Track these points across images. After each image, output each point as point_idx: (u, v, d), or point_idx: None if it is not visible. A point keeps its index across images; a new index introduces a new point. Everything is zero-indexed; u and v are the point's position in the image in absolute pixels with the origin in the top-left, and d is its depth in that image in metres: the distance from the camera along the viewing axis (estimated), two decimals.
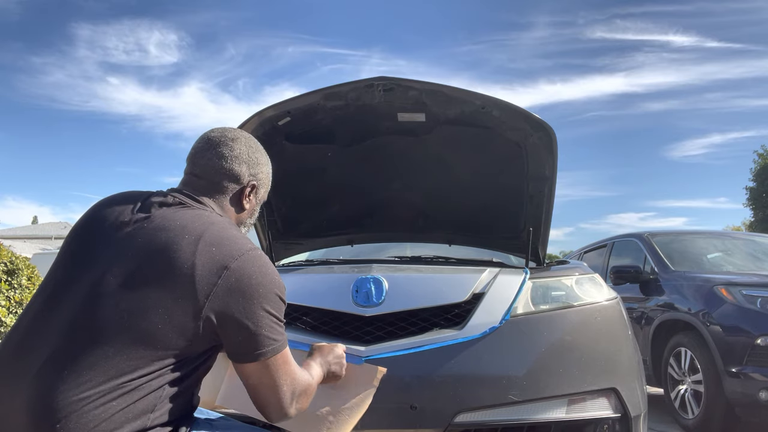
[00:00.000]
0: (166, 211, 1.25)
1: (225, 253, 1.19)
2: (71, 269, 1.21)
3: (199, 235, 1.19)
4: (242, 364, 1.23)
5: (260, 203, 1.56)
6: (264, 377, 1.23)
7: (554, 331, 2.03)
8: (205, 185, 1.37)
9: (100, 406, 1.05)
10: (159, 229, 1.20)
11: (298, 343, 1.97)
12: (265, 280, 1.22)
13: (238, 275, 1.18)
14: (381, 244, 3.45)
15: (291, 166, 2.74)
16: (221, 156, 1.39)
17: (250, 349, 1.20)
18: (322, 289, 2.16)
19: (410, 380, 1.88)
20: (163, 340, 1.12)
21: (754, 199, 31.03)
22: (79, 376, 1.05)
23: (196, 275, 1.14)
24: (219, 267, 1.17)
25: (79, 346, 1.09)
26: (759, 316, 3.54)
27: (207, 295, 1.14)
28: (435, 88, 2.33)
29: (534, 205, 2.67)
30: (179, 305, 1.13)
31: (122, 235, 1.21)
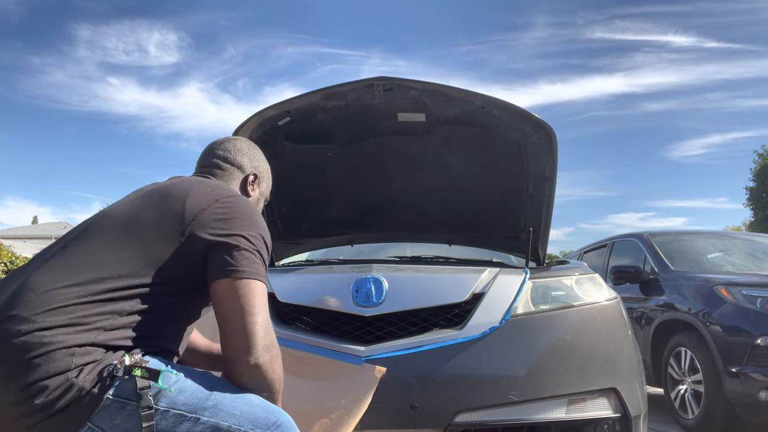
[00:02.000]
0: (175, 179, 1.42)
1: (219, 192, 1.34)
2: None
3: (199, 181, 1.38)
4: (219, 280, 1.21)
5: (264, 197, 1.65)
6: (239, 300, 1.20)
7: (554, 331, 2.03)
8: (212, 174, 1.52)
9: (71, 300, 1.12)
10: (166, 184, 1.37)
11: (299, 343, 1.97)
12: (253, 218, 1.31)
13: (227, 207, 1.29)
14: (381, 244, 3.45)
15: (291, 166, 2.74)
16: (225, 150, 1.57)
17: (229, 264, 1.22)
18: (322, 289, 2.16)
19: (410, 380, 1.88)
20: (148, 249, 1.21)
21: (754, 199, 31.03)
22: (67, 270, 1.16)
23: (187, 200, 1.28)
24: (210, 199, 1.30)
25: (73, 248, 1.22)
26: (759, 316, 3.54)
27: (193, 216, 1.25)
28: (435, 88, 2.33)
29: (534, 205, 2.67)
30: (167, 219, 1.25)
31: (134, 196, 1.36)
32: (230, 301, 1.20)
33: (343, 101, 2.42)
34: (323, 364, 1.91)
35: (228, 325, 1.20)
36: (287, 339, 1.99)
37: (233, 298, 1.20)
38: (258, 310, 1.22)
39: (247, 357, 1.18)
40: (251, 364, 1.19)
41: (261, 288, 1.24)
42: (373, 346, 1.95)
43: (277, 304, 2.13)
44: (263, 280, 1.26)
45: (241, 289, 1.21)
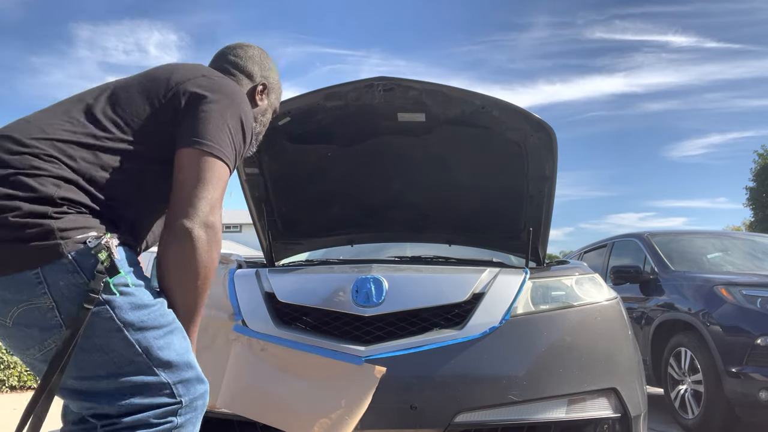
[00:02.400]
0: None
1: (209, 71, 1.35)
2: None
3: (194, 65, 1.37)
4: (183, 149, 1.20)
5: (273, 108, 1.62)
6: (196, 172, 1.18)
7: (554, 331, 2.03)
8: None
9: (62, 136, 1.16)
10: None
11: (299, 343, 1.97)
12: (236, 98, 1.29)
13: (213, 82, 1.29)
14: (381, 244, 3.45)
15: (291, 166, 2.74)
16: (237, 56, 1.52)
17: (196, 134, 1.20)
18: (322, 289, 2.16)
19: (410, 380, 1.88)
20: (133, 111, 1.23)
21: (754, 199, 31.02)
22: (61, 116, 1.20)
23: (176, 71, 1.30)
24: (198, 73, 1.31)
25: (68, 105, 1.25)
26: (759, 316, 3.54)
27: (177, 82, 1.27)
28: (435, 88, 2.33)
29: (534, 205, 2.67)
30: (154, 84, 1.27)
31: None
32: (187, 171, 1.19)
33: (343, 101, 2.42)
34: (323, 364, 1.91)
35: (176, 195, 1.18)
36: (287, 339, 1.99)
37: (190, 169, 1.18)
38: (210, 188, 1.18)
39: (182, 221, 1.15)
40: (184, 228, 1.14)
41: (222, 168, 1.21)
42: (373, 346, 1.95)
43: (277, 304, 2.13)
44: (228, 162, 1.23)
45: (202, 163, 1.19)
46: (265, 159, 2.64)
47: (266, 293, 2.16)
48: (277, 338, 1.99)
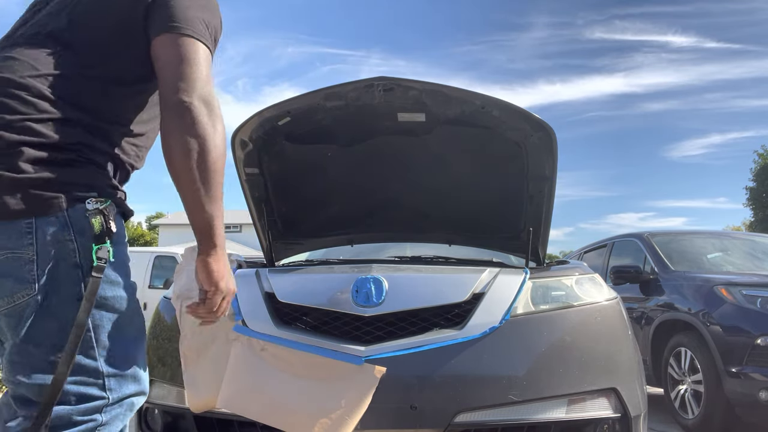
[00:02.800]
0: None
1: None
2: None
3: None
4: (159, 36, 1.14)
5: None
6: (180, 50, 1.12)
7: (554, 331, 2.03)
8: None
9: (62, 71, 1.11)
10: None
11: (299, 343, 1.97)
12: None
13: None
14: (381, 244, 3.45)
15: (291, 166, 2.74)
16: None
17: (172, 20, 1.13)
18: (322, 289, 2.16)
19: (410, 380, 1.88)
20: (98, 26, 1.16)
21: (754, 199, 31.05)
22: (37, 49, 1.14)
23: None
24: None
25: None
26: (759, 316, 3.54)
27: None
28: (435, 88, 2.33)
29: (534, 205, 2.67)
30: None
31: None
32: (170, 52, 1.12)
33: (343, 101, 2.42)
34: (323, 364, 1.91)
35: (165, 75, 1.12)
36: (287, 339, 1.99)
37: (174, 47, 1.12)
38: (202, 66, 1.13)
39: (178, 93, 1.10)
40: (181, 103, 1.10)
41: (206, 51, 1.16)
42: (373, 346, 1.95)
43: (277, 304, 2.13)
44: (211, 48, 1.18)
45: (184, 44, 1.13)
46: (265, 159, 2.64)
47: (266, 293, 2.16)
48: (277, 338, 1.99)
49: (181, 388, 2.02)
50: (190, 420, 2.04)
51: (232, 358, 1.97)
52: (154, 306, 2.46)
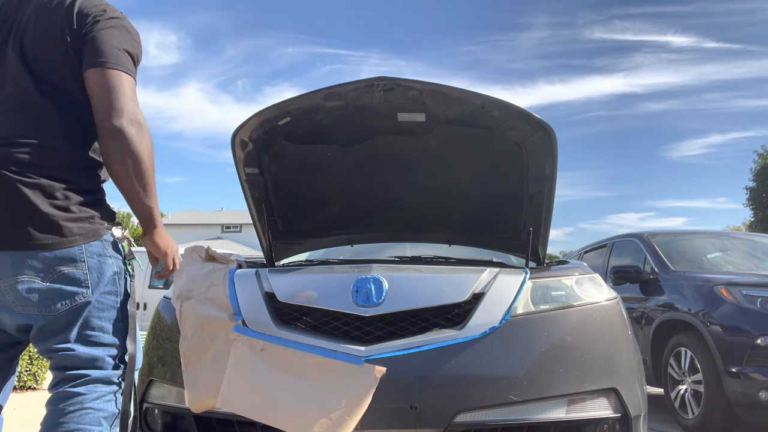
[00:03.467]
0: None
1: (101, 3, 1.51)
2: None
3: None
4: (91, 69, 1.43)
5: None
6: (108, 81, 1.41)
7: (554, 331, 2.03)
8: None
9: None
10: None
11: (299, 343, 1.97)
12: (127, 23, 1.52)
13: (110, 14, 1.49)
14: (381, 244, 3.45)
15: (291, 166, 2.74)
16: None
17: (100, 55, 1.42)
18: (322, 289, 2.16)
19: (410, 380, 1.88)
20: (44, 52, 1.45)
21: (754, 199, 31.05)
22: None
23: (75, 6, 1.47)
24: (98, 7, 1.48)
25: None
26: (759, 316, 3.54)
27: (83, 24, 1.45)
28: (435, 88, 2.32)
29: (534, 205, 2.67)
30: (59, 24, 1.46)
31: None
32: (97, 81, 1.41)
33: (343, 101, 2.42)
34: (323, 364, 1.91)
35: (98, 103, 1.42)
36: (287, 339, 1.99)
37: (101, 78, 1.41)
38: (127, 92, 1.42)
39: (111, 120, 1.40)
40: (115, 126, 1.40)
41: (131, 82, 1.46)
42: (373, 346, 1.95)
43: (277, 304, 2.13)
44: (133, 76, 1.47)
45: (111, 75, 1.42)
46: (265, 159, 2.64)
47: (266, 293, 2.16)
48: (277, 338, 1.99)
49: (181, 388, 2.02)
50: (190, 420, 2.04)
51: (232, 358, 1.97)
52: (154, 306, 2.46)
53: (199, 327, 2.10)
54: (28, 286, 1.39)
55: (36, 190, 1.38)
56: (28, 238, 1.37)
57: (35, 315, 1.42)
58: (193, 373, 2.01)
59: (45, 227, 1.38)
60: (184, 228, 40.50)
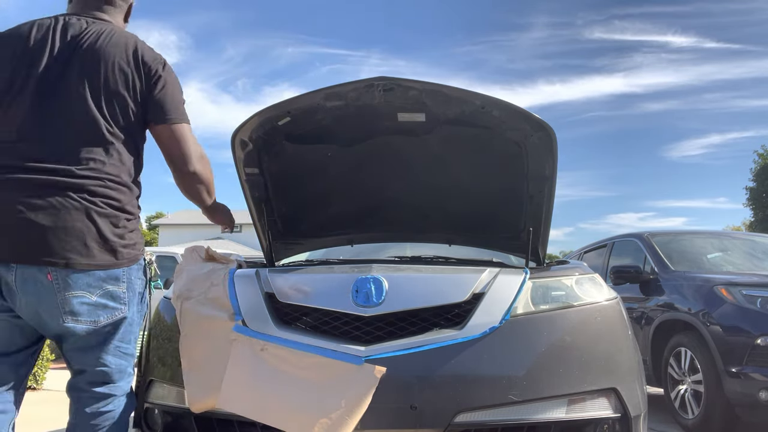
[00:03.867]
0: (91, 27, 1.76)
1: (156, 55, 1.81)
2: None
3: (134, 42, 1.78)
4: (160, 125, 1.77)
5: None
6: (177, 134, 1.79)
7: (554, 331, 2.03)
8: (101, 4, 1.85)
9: None
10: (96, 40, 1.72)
11: (299, 343, 1.97)
12: (173, 73, 1.84)
13: (167, 68, 1.81)
14: (381, 244, 3.45)
15: (291, 166, 2.74)
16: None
17: (167, 112, 1.77)
18: (322, 289, 2.16)
19: (410, 380, 1.88)
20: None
21: (754, 199, 31.06)
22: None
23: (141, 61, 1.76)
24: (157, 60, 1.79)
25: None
26: (759, 316, 3.54)
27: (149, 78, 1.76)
28: (435, 88, 2.32)
29: (534, 205, 2.67)
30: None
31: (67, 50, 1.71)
32: (167, 134, 1.78)
33: (343, 101, 2.42)
34: (323, 364, 1.91)
35: (169, 150, 1.80)
36: (287, 339, 1.99)
37: (170, 132, 1.78)
38: (191, 138, 1.81)
39: (186, 166, 1.81)
40: (190, 171, 1.82)
41: (189, 126, 1.83)
42: (373, 346, 1.94)
43: (277, 304, 2.13)
44: (189, 122, 1.84)
45: (178, 129, 1.79)
46: (265, 159, 2.64)
47: (266, 293, 2.16)
48: (277, 338, 1.99)
49: (181, 388, 2.02)
50: (190, 420, 2.04)
51: (232, 358, 1.97)
52: (154, 306, 2.46)
53: (199, 327, 2.10)
54: (81, 300, 1.61)
55: (104, 218, 1.62)
56: (92, 260, 1.60)
57: (82, 326, 1.63)
58: (193, 373, 2.01)
59: (105, 251, 1.62)
60: (184, 228, 40.49)
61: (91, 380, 1.70)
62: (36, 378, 5.31)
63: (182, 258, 2.58)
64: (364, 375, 1.85)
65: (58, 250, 1.56)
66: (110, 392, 1.72)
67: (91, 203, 1.60)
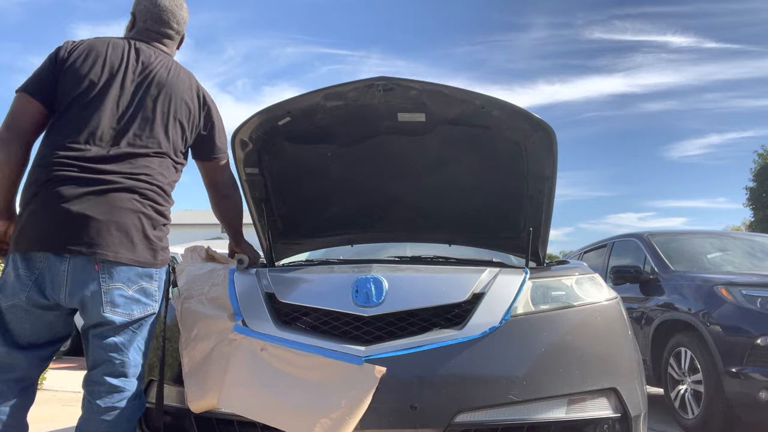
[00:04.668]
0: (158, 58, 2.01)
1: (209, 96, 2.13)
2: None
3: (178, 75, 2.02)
4: (211, 161, 2.15)
5: None
6: (224, 167, 2.20)
7: (554, 331, 2.03)
8: (162, 38, 2.08)
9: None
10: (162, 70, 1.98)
11: (299, 343, 1.97)
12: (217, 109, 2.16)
13: (215, 106, 2.14)
14: (381, 244, 3.45)
15: (291, 166, 2.74)
16: (178, 22, 2.12)
17: (216, 151, 2.15)
18: (322, 289, 2.16)
19: (410, 380, 1.88)
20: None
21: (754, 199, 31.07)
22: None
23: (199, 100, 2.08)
24: (208, 97, 2.11)
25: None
26: (759, 316, 3.54)
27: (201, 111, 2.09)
28: (435, 88, 2.32)
29: (534, 205, 2.67)
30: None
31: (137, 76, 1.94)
32: (218, 166, 2.18)
33: (343, 101, 2.42)
34: (323, 364, 1.91)
35: (219, 178, 2.20)
36: (287, 339, 1.99)
37: (220, 165, 2.19)
38: (229, 170, 2.23)
39: (231, 191, 2.26)
40: (233, 194, 2.26)
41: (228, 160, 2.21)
42: (373, 346, 1.95)
43: (277, 304, 2.13)
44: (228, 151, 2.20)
45: (226, 163, 2.20)
46: (265, 159, 2.64)
47: (266, 293, 2.16)
48: (277, 338, 1.99)
49: (181, 388, 2.02)
50: (190, 420, 2.04)
51: (232, 358, 1.97)
52: None
53: (199, 327, 2.10)
54: (119, 292, 1.76)
55: (149, 220, 1.81)
56: (135, 255, 1.77)
57: (119, 317, 1.77)
58: (193, 373, 2.01)
59: (146, 249, 1.80)
60: (184, 228, 40.49)
61: (110, 371, 1.79)
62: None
63: (182, 258, 2.58)
64: (364, 375, 1.85)
65: (110, 243, 1.72)
66: (124, 386, 1.80)
67: (142, 205, 1.80)
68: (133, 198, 1.78)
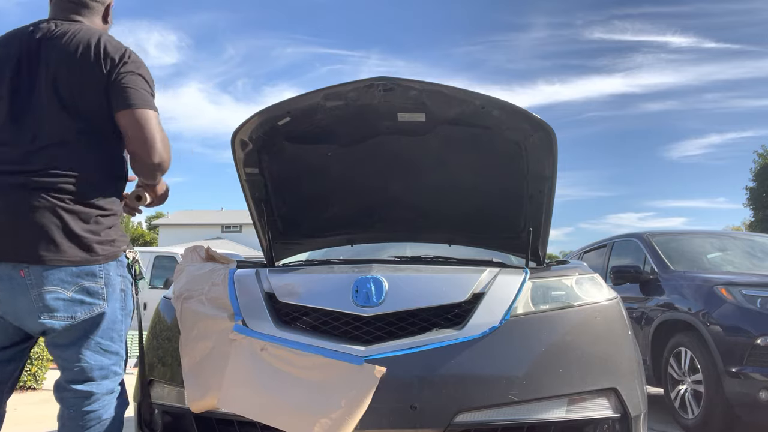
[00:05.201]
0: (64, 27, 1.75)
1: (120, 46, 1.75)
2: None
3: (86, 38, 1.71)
4: (125, 110, 1.69)
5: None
6: (139, 121, 1.69)
7: (554, 331, 2.03)
8: (75, 7, 1.82)
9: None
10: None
11: (299, 343, 1.97)
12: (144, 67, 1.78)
13: (133, 58, 1.75)
14: (381, 244, 3.45)
15: (291, 166, 2.74)
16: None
17: (128, 98, 1.69)
18: (322, 289, 2.16)
19: (410, 380, 1.88)
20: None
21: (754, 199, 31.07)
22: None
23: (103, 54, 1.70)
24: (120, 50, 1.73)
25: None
26: (759, 316, 3.54)
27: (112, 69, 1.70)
28: (435, 88, 2.32)
29: (534, 205, 2.67)
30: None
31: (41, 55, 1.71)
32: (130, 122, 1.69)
33: (343, 101, 2.42)
34: (323, 364, 1.91)
35: (136, 137, 1.70)
36: (287, 339, 1.99)
37: (133, 118, 1.69)
38: (155, 124, 1.72)
39: (152, 158, 1.71)
40: (156, 162, 1.72)
41: (156, 115, 1.74)
42: (373, 346, 1.94)
43: (277, 304, 2.13)
44: (156, 110, 1.75)
45: (140, 114, 1.69)
46: (265, 159, 2.65)
47: (266, 293, 2.16)
48: (277, 338, 1.99)
49: (181, 388, 2.02)
50: (190, 420, 2.04)
51: (232, 358, 1.97)
52: (154, 306, 2.46)
53: (199, 327, 2.10)
54: (55, 296, 1.62)
55: (74, 215, 1.63)
56: (62, 255, 1.61)
57: (58, 321, 1.64)
58: (193, 373, 2.01)
59: (77, 247, 1.63)
60: (184, 228, 40.50)
61: (72, 378, 1.71)
62: (36, 378, 5.31)
63: (182, 258, 2.58)
64: (364, 375, 1.85)
65: (29, 247, 1.59)
66: (91, 390, 1.70)
67: (59, 200, 1.62)
68: (46, 196, 1.62)
